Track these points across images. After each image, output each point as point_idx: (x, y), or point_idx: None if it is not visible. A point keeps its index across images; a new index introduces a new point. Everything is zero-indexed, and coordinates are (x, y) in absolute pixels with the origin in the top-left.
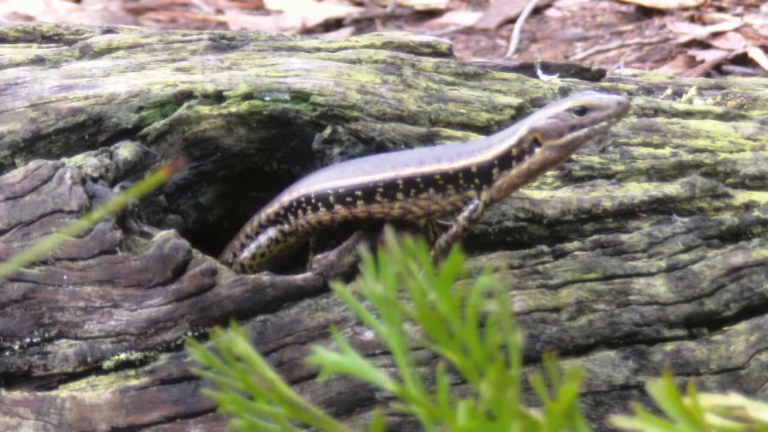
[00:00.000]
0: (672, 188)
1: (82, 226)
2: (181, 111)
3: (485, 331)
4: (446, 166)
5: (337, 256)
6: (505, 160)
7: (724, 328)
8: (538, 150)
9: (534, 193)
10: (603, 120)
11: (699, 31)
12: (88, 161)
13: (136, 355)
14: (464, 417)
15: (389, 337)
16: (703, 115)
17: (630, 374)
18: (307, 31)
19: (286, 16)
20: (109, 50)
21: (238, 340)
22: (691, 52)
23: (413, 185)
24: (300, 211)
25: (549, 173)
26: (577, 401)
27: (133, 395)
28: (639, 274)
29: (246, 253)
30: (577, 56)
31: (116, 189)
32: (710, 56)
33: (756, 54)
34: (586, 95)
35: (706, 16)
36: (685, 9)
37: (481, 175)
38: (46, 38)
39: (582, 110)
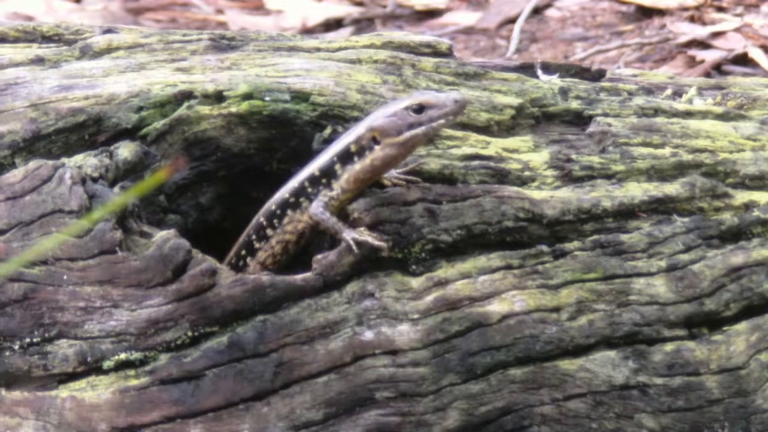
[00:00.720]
0: (672, 188)
1: (82, 226)
2: (181, 111)
3: None
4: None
5: (337, 257)
6: (345, 157)
7: (724, 328)
8: (377, 147)
9: (534, 193)
10: (440, 118)
11: (699, 31)
12: (88, 161)
13: (136, 355)
14: None
15: None
16: (703, 115)
17: (630, 374)
18: (307, 31)
19: (286, 16)
20: (109, 50)
21: None
22: (691, 52)
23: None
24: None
25: (548, 173)
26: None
27: (133, 395)
28: (639, 274)
29: None
30: (577, 56)
31: (116, 189)
32: (710, 56)
33: (756, 54)
34: (424, 94)
35: (706, 17)
36: (685, 9)
37: (327, 174)
38: (46, 38)
39: (419, 108)
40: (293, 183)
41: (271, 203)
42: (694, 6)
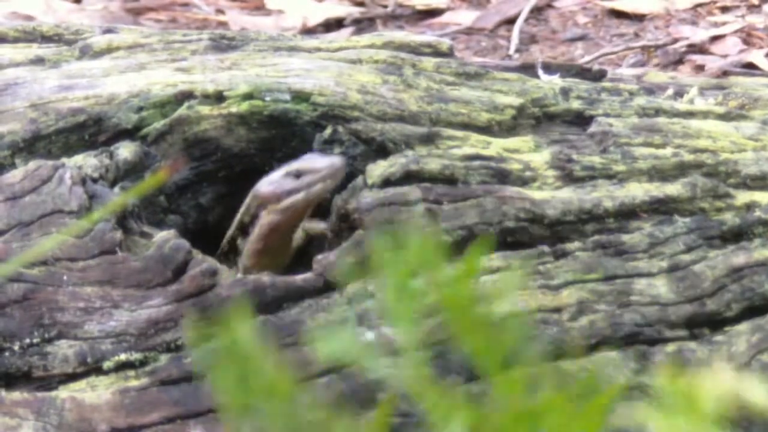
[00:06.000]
0: (673, 188)
1: (82, 226)
2: (182, 111)
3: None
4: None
5: (337, 257)
6: (242, 229)
7: (726, 329)
8: (263, 214)
9: (535, 193)
10: (318, 182)
11: (701, 34)
12: (88, 161)
13: (136, 356)
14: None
15: (399, 314)
16: (705, 115)
17: (631, 375)
18: (308, 31)
19: (287, 16)
20: (109, 50)
21: (240, 331)
22: (692, 54)
23: None
24: None
25: (549, 173)
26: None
27: (133, 396)
28: (640, 275)
29: None
30: (578, 57)
31: (116, 189)
32: (711, 58)
33: (756, 57)
34: (302, 159)
35: (708, 19)
36: (686, 11)
37: (233, 250)
38: (46, 38)
39: (298, 174)
40: None
41: None
42: (693, 7)
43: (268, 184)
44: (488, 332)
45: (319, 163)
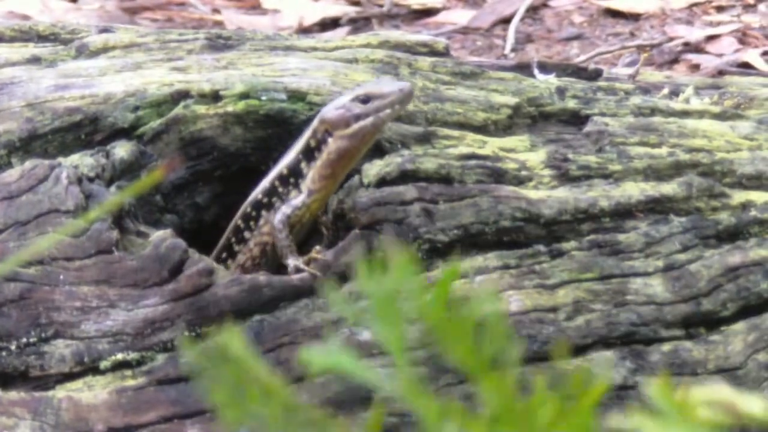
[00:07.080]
0: (669, 188)
1: (78, 225)
2: (178, 110)
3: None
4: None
5: (333, 257)
6: (307, 154)
7: (722, 328)
8: (330, 140)
9: (531, 192)
10: (386, 108)
11: (696, 34)
12: (84, 161)
13: (132, 356)
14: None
15: (388, 330)
16: (700, 114)
17: (627, 374)
18: (304, 31)
19: (283, 15)
20: (105, 50)
21: (233, 339)
22: (688, 54)
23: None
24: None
25: (545, 172)
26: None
27: (129, 395)
28: (636, 274)
29: None
30: (573, 56)
31: (113, 189)
32: (706, 58)
33: (752, 56)
34: (370, 84)
35: (704, 18)
36: (681, 10)
37: (295, 172)
38: (42, 38)
39: (366, 99)
40: (264, 183)
41: (246, 204)
42: (689, 6)
43: (336, 108)
44: (470, 337)
45: (387, 87)
